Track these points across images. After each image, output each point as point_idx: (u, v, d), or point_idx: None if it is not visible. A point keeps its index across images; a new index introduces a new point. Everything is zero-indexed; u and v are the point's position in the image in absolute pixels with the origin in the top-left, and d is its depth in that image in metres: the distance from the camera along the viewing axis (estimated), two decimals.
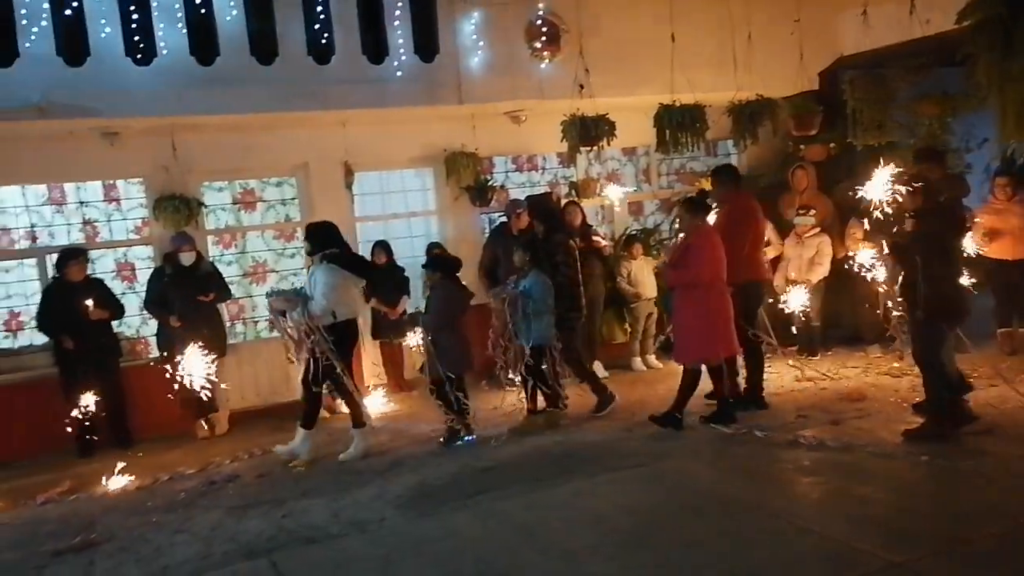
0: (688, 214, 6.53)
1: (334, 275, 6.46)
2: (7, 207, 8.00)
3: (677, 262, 6.46)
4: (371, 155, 8.92)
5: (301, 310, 6.34)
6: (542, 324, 6.82)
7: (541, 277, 6.88)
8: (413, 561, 4.50)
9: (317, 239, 6.66)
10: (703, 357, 6.47)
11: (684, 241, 6.52)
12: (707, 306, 6.35)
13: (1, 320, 8.09)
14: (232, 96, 7.41)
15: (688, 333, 6.46)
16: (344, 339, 6.55)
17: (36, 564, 4.98)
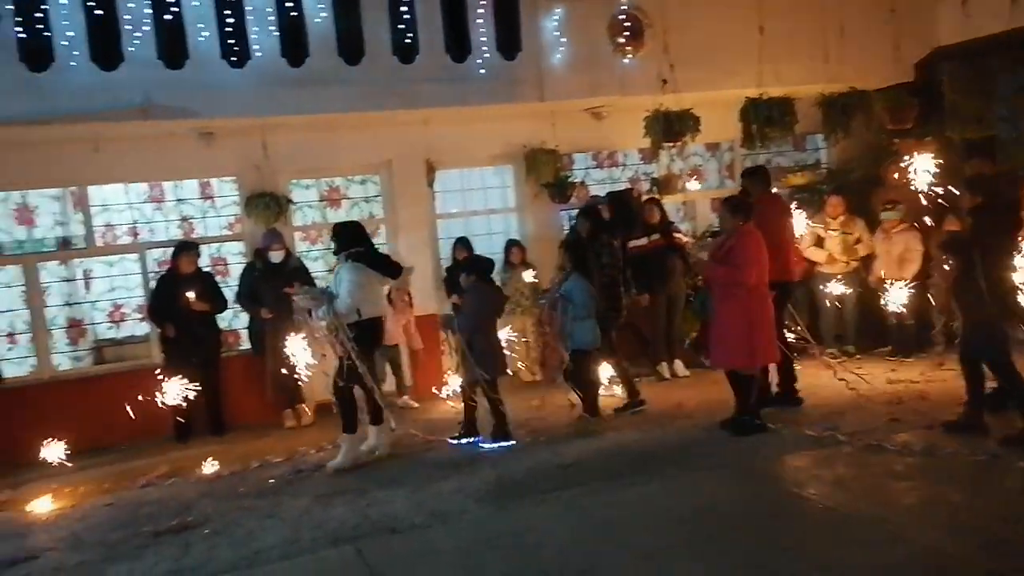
0: (729, 215, 6.36)
1: (359, 273, 6.40)
2: (111, 204, 8.40)
3: (723, 260, 6.26)
4: (452, 152, 9.03)
5: (327, 308, 6.33)
6: (584, 328, 6.79)
7: (582, 281, 6.84)
8: (494, 553, 4.55)
9: (343, 238, 6.63)
10: (743, 364, 6.29)
11: (728, 242, 6.32)
12: (751, 310, 6.17)
13: (106, 312, 8.51)
14: (320, 96, 7.61)
15: (730, 338, 6.24)
16: (368, 336, 6.49)
17: (138, 544, 5.23)
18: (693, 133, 8.35)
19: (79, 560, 5.05)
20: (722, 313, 6.27)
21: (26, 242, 8.17)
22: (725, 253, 6.23)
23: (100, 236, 8.28)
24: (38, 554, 5.21)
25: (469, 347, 6.65)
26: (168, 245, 8.22)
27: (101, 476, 6.85)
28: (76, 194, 8.18)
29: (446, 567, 4.45)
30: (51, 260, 8.26)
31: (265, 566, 4.72)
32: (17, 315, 8.00)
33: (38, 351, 8.03)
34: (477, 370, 6.61)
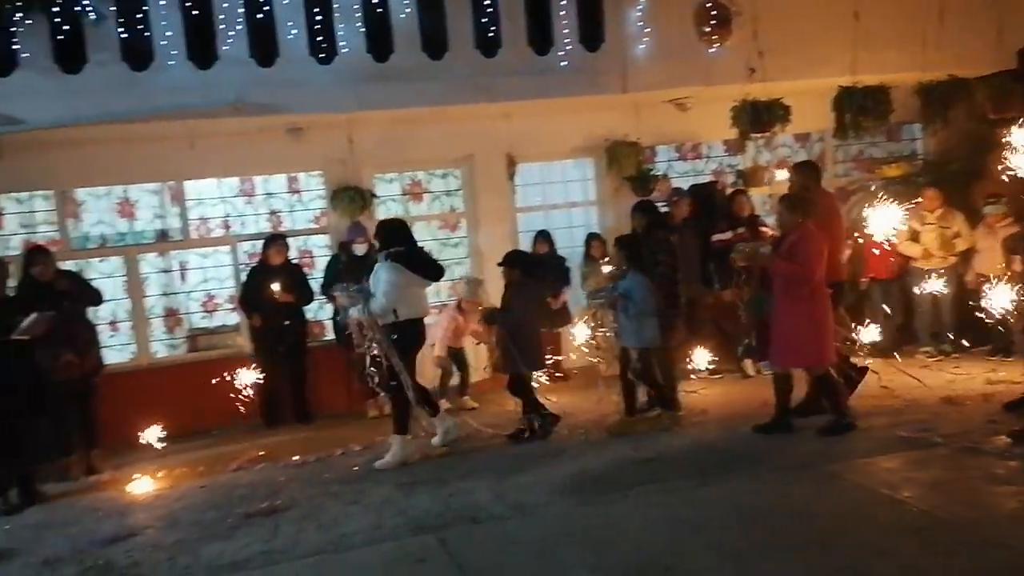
0: (788, 212, 6.18)
1: (397, 274, 6.29)
2: (205, 198, 8.72)
3: (788, 258, 6.06)
4: (533, 146, 9.03)
5: (363, 307, 6.30)
6: (646, 326, 6.65)
7: (640, 277, 6.69)
8: (575, 547, 4.53)
9: (385, 237, 6.57)
10: (810, 363, 6.12)
11: (790, 239, 6.11)
12: (815, 309, 6.02)
13: (200, 302, 8.84)
14: (404, 91, 7.72)
15: (793, 337, 6.07)
16: (405, 338, 6.38)
17: (230, 525, 5.41)
18: (783, 123, 8.13)
19: (176, 539, 5.26)
20: (784, 312, 6.10)
21: (127, 234, 8.55)
22: (789, 251, 6.06)
23: (195, 229, 8.61)
24: (138, 532, 5.45)
25: (512, 342, 6.60)
26: (258, 238, 8.48)
27: (195, 459, 7.12)
28: (173, 188, 8.53)
29: (528, 558, 4.45)
30: (150, 252, 8.62)
31: (350, 551, 4.82)
32: (119, 304, 8.39)
33: (138, 339, 8.42)
34: (520, 365, 6.58)
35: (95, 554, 5.10)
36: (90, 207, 8.41)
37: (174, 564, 4.84)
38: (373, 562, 4.63)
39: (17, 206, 8.20)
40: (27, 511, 6.10)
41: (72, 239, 8.24)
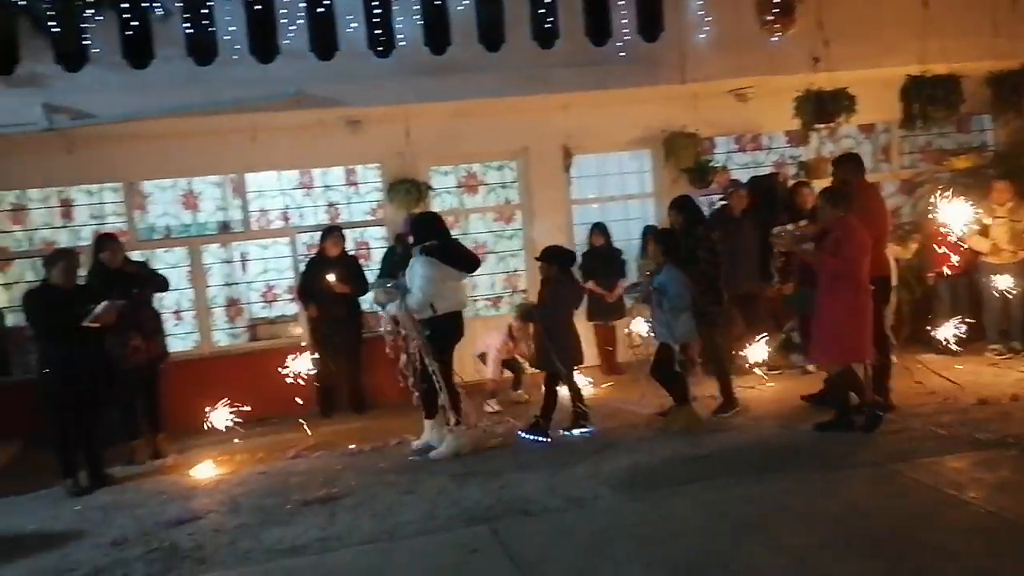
0: (829, 205, 6.03)
1: (432, 268, 6.25)
2: (266, 191, 8.89)
3: (831, 253, 5.94)
4: (590, 137, 8.98)
5: (400, 302, 6.25)
6: (680, 321, 6.54)
7: (676, 272, 6.57)
8: (628, 541, 4.50)
9: (420, 231, 6.53)
10: (848, 358, 6.01)
11: (834, 233, 5.97)
12: (857, 304, 5.91)
13: (260, 292, 9.03)
14: (461, 83, 7.73)
15: (833, 333, 5.96)
16: (443, 333, 6.37)
17: (289, 511, 5.53)
18: (848, 114, 7.91)
19: (237, 523, 5.39)
20: (826, 307, 5.99)
21: (191, 226, 8.77)
22: (832, 245, 5.94)
23: (255, 220, 8.78)
24: (201, 515, 5.60)
25: (548, 338, 6.55)
26: (316, 229, 8.60)
27: (255, 446, 7.27)
28: (235, 181, 8.71)
29: (581, 551, 4.44)
30: (212, 243, 8.83)
31: (404, 540, 4.88)
32: (183, 294, 8.62)
33: (200, 328, 8.64)
34: (555, 361, 6.53)
35: (160, 536, 5.26)
36: (156, 199, 8.65)
37: (235, 548, 4.96)
38: (427, 551, 4.68)
39: (88, 198, 8.48)
40: (96, 493, 6.32)
41: (139, 230, 8.49)
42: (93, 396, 6.38)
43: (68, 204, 8.44)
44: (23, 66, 6.87)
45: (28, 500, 6.32)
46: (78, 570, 4.84)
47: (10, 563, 5.04)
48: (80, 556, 5.05)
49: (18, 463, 7.54)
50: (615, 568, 4.21)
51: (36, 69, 6.89)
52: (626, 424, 6.93)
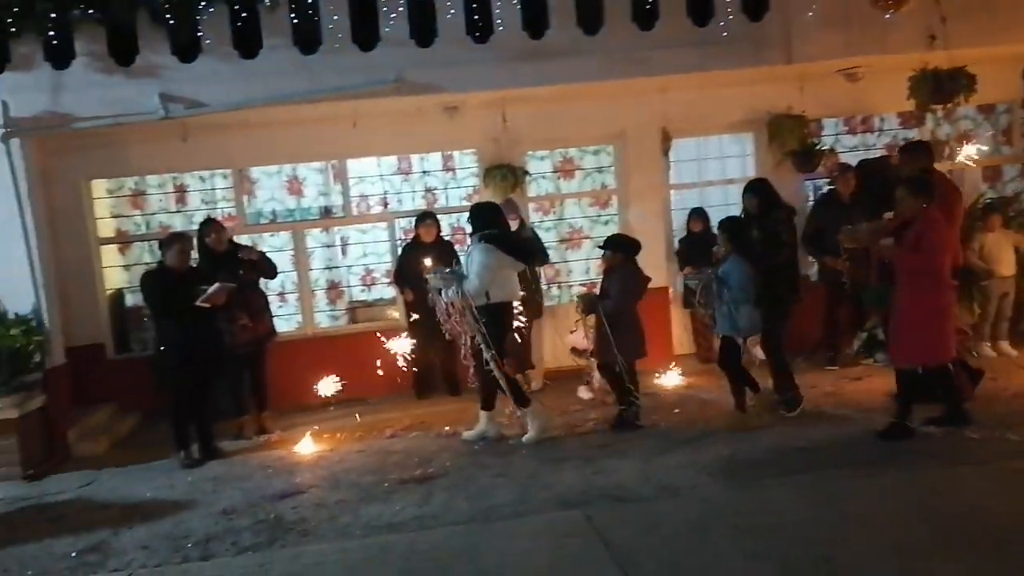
0: (911, 196, 5.66)
1: (490, 256, 6.30)
2: (365, 176, 9.08)
3: (913, 247, 5.61)
4: (690, 120, 8.79)
5: (456, 289, 6.29)
6: (740, 314, 6.35)
7: (741, 262, 6.37)
8: (727, 531, 4.42)
9: (479, 219, 6.52)
10: (930, 359, 5.68)
11: (916, 226, 5.62)
12: (940, 301, 5.60)
13: (359, 276, 9.25)
14: (559, 67, 7.67)
15: (916, 331, 5.64)
16: (496, 321, 6.39)
17: (386, 489, 5.68)
18: (966, 93, 7.45)
19: (337, 499, 5.56)
20: (908, 305, 5.67)
21: (295, 211, 9.05)
22: (914, 239, 5.60)
23: (355, 206, 8.98)
24: (304, 490, 5.81)
25: (612, 329, 6.40)
26: (413, 214, 8.73)
27: (354, 425, 7.48)
28: (336, 167, 8.93)
29: (677, 540, 4.38)
30: (315, 227, 9.08)
31: (498, 522, 4.93)
32: (287, 277, 8.91)
33: (303, 310, 8.92)
34: (616, 353, 6.41)
35: (266, 508, 5.49)
36: (263, 185, 8.96)
37: (335, 522, 5.13)
38: (521, 533, 4.71)
39: (200, 184, 8.86)
40: (207, 465, 6.64)
41: (247, 215, 8.81)
42: (205, 373, 6.69)
43: (182, 189, 8.85)
44: (142, 58, 7.20)
45: (145, 469, 6.70)
46: (191, 537, 5.09)
47: (130, 528, 5.35)
48: (193, 524, 5.32)
49: (137, 435, 8.00)
50: (713, 559, 4.13)
51: (153, 60, 7.22)
52: (723, 412, 6.78)
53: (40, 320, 7.13)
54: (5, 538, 5.35)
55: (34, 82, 7.05)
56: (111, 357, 8.46)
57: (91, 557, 4.90)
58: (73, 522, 5.56)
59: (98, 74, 7.15)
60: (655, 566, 4.11)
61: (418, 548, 4.63)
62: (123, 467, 6.82)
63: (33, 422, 6.93)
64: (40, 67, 7.07)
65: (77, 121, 7.17)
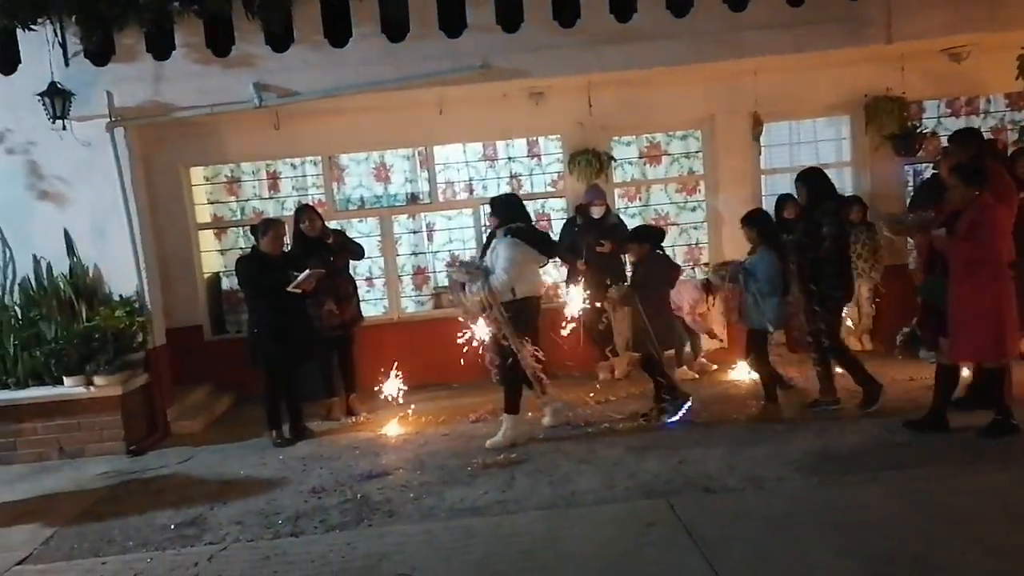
0: (962, 184, 5.37)
1: (517, 250, 6.13)
2: (451, 163, 9.15)
3: (967, 236, 5.29)
4: (782, 104, 8.51)
5: (482, 283, 6.10)
6: (766, 307, 6.24)
7: (769, 256, 6.29)
8: (816, 527, 4.30)
9: (502, 212, 6.35)
10: (993, 356, 5.39)
11: (969, 215, 5.32)
12: (999, 293, 5.29)
13: (444, 261, 9.33)
14: (646, 50, 7.53)
15: (975, 326, 5.34)
16: (521, 316, 6.22)
17: (469, 472, 5.74)
18: None
19: (422, 481, 5.65)
20: (964, 298, 5.37)
21: (382, 197, 9.20)
22: (968, 228, 5.29)
23: (441, 192, 9.06)
24: (389, 471, 5.93)
25: (647, 320, 6.26)
26: None
27: (437, 409, 7.58)
28: (422, 154, 9.02)
29: (764, 532, 4.28)
30: (402, 214, 9.21)
31: (581, 507, 4.92)
32: (374, 262, 9.08)
33: (390, 295, 9.07)
34: (653, 344, 6.29)
35: (353, 487, 5.62)
36: (352, 171, 9.13)
37: (420, 504, 5.21)
38: (603, 520, 4.69)
39: (291, 171, 9.10)
40: (297, 445, 6.84)
41: (336, 201, 9.00)
42: (296, 356, 6.88)
43: (275, 176, 9.11)
44: (237, 48, 7.42)
45: (239, 448, 6.95)
46: (283, 513, 5.26)
47: (225, 503, 5.57)
48: (284, 501, 5.49)
49: (231, 414, 8.31)
50: (801, 553, 4.02)
51: (248, 51, 7.42)
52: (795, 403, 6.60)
53: (143, 302, 7.46)
54: (111, 509, 5.65)
55: (137, 73, 7.35)
56: (208, 338, 8.80)
57: (189, 530, 5.12)
58: (172, 496, 5.82)
59: (196, 64, 7.40)
60: (740, 557, 4.03)
61: (501, 532, 4.66)
62: (218, 445, 7.10)
63: (136, 399, 7.28)
64: (142, 58, 7.35)
65: (176, 110, 7.45)
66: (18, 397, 7.00)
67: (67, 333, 7.02)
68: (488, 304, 6.13)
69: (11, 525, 5.46)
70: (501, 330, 6.18)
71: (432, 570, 4.24)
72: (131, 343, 7.27)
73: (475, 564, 4.28)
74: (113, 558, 4.78)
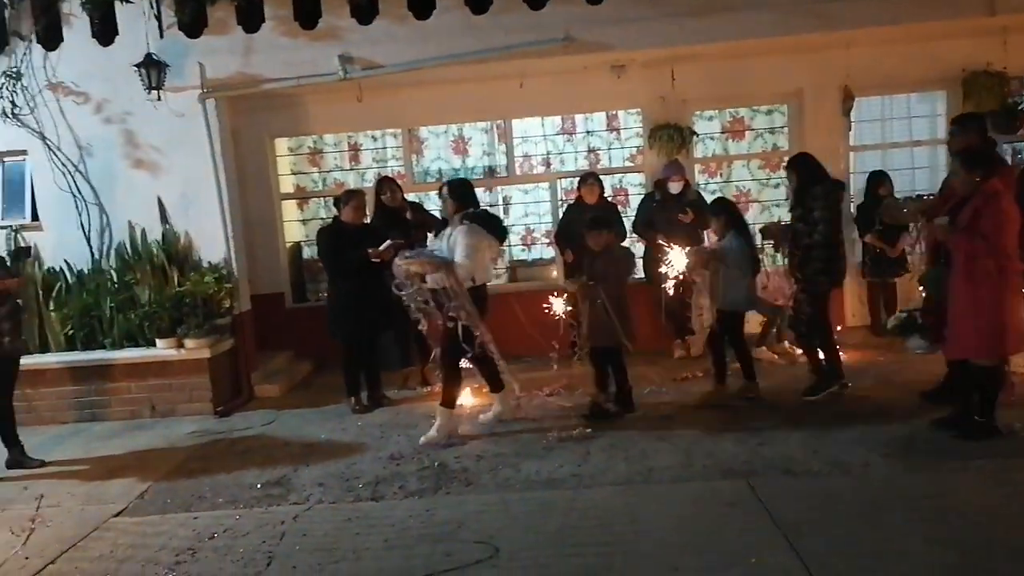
0: (965, 171, 5.07)
1: (476, 236, 5.87)
2: (529, 136, 9.12)
3: (969, 227, 4.97)
4: (874, 78, 8.21)
5: (444, 273, 5.76)
6: (738, 288, 6.33)
7: (738, 240, 6.36)
8: (903, 513, 4.19)
9: (460, 197, 6.06)
10: (986, 353, 5.08)
11: (974, 204, 4.99)
12: (1000, 287, 4.98)
13: (519, 236, 9.35)
14: (734, 22, 7.33)
15: (972, 321, 5.06)
16: (479, 304, 6.00)
17: (545, 446, 5.77)
18: None
19: (497, 452, 5.71)
20: (963, 291, 5.09)
21: (460, 170, 9.23)
22: (970, 217, 4.98)
23: (519, 166, 9.05)
24: (465, 441, 6.00)
25: (615, 312, 6.08)
26: (576, 175, 8.69)
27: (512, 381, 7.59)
28: (501, 127, 9.02)
29: (849, 519, 4.19)
30: (479, 187, 9.17)
31: (658, 484, 4.89)
32: None
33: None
34: (621, 335, 6.11)
35: (431, 456, 5.71)
36: (430, 144, 9.20)
37: (496, 475, 5.26)
38: (681, 498, 4.66)
39: (372, 143, 9.22)
40: (374, 412, 6.98)
41: (415, 173, 9.09)
42: (375, 325, 7.00)
43: (356, 148, 9.25)
44: (323, 21, 7.52)
45: (319, 413, 7.14)
46: (362, 478, 5.39)
47: (307, 466, 5.73)
48: (363, 466, 5.63)
49: (311, 380, 8.53)
50: (887, 540, 3.92)
51: (334, 23, 7.51)
52: (903, 390, 6.38)
53: (230, 269, 7.70)
54: (200, 467, 5.88)
55: (227, 45, 7.52)
56: (289, 306, 9.03)
57: (274, 490, 5.29)
58: (258, 457, 6.03)
59: (283, 37, 7.53)
60: (824, 543, 3.95)
61: (578, 505, 4.68)
62: (299, 409, 7.30)
63: (223, 363, 7.54)
64: (233, 31, 7.52)
65: (265, 82, 7.60)
66: (114, 357, 7.33)
67: (159, 297, 7.31)
68: (452, 294, 5.79)
69: (108, 479, 5.75)
70: (463, 320, 5.83)
71: (510, 539, 4.28)
72: (219, 308, 7.52)
73: (552, 535, 4.30)
74: (204, 514, 4.98)
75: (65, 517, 5.08)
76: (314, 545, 4.40)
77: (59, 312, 7.49)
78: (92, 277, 7.61)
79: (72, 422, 7.28)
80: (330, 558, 4.22)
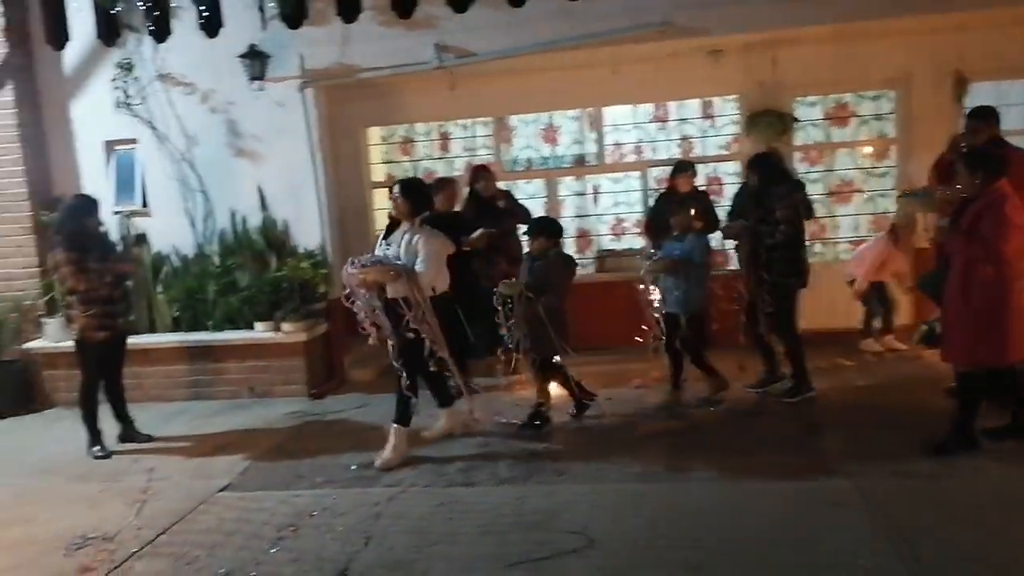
0: (967, 172, 4.73)
1: (437, 241, 5.59)
2: (620, 124, 8.99)
3: (971, 229, 4.64)
4: (989, 62, 7.74)
5: (405, 281, 5.39)
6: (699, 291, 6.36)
7: (704, 240, 6.45)
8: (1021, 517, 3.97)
9: (417, 199, 5.66)
10: (989, 359, 4.75)
11: (976, 205, 4.66)
12: (1004, 292, 4.69)
13: (609, 225, 9.24)
14: (838, 4, 7.05)
15: (972, 326, 4.74)
16: (441, 314, 5.63)
17: (636, 438, 5.72)
18: None
19: (588, 442, 5.70)
20: (956, 296, 4.79)
21: (549, 159, 9.18)
22: (970, 221, 4.64)
23: (609, 154, 8.94)
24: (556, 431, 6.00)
25: (552, 321, 5.85)
26: (668, 164, 8.52)
27: (599, 372, 7.48)
28: (591, 115, 8.92)
29: (963, 524, 4.00)
30: (568, 175, 9.17)
31: (756, 481, 4.78)
32: None
33: None
34: (561, 345, 5.92)
35: (521, 444, 5.74)
36: (520, 132, 9.17)
37: (588, 465, 5.24)
38: (782, 496, 4.54)
39: (462, 131, 9.26)
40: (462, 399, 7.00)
41: (504, 162, 9.09)
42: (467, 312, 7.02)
43: (446, 137, 9.30)
44: (420, 10, 7.58)
45: None
46: (453, 464, 5.45)
47: None
48: (454, 452, 5.69)
49: None
50: (1004, 546, 3.73)
51: (430, 12, 7.55)
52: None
53: (325, 255, 7.87)
54: (298, 447, 6.05)
55: (326, 36, 7.66)
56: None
57: (368, 472, 5.39)
58: (351, 439, 6.16)
59: (380, 27, 7.62)
60: (933, 546, 3.79)
61: (669, 498, 4.62)
62: (389, 394, 7.34)
63: (317, 346, 7.73)
64: (331, 21, 7.66)
65: (361, 72, 7.71)
66: (216, 338, 7.61)
67: (259, 282, 7.54)
68: (414, 304, 5.43)
69: (212, 456, 5.97)
70: (424, 333, 5.49)
71: (602, 529, 4.25)
72: (314, 294, 7.70)
73: (645, 528, 4.26)
74: (304, 492, 5.12)
75: (174, 490, 5.30)
76: (409, 527, 4.46)
77: (167, 294, 7.81)
78: (196, 261, 7.92)
79: (179, 400, 7.59)
80: (425, 540, 4.28)
